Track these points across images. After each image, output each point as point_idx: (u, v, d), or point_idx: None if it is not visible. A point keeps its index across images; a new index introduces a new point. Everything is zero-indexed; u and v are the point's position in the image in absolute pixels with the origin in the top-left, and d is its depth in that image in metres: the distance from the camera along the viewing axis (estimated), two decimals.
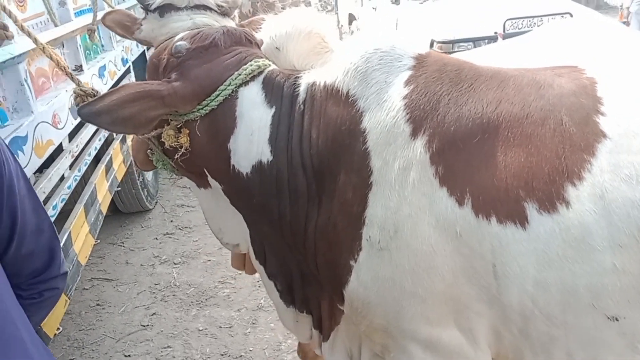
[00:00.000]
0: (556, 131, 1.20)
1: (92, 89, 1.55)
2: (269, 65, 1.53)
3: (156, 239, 4.42)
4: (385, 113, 1.31)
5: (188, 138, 1.49)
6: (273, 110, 1.46)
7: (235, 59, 1.49)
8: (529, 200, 1.19)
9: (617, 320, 1.19)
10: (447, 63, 1.36)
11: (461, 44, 5.75)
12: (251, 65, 1.48)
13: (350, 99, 1.37)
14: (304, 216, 1.45)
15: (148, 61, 1.62)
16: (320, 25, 1.84)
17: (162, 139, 1.50)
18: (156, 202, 5.00)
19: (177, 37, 1.53)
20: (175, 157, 1.50)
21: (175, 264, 4.00)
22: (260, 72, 1.50)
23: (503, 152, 1.22)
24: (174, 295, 3.60)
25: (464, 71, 1.33)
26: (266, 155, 1.45)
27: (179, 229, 4.57)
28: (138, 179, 4.49)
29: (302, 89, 1.46)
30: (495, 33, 5.74)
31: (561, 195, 1.16)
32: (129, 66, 4.34)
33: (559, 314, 1.22)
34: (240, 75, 1.46)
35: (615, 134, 1.16)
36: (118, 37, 4.13)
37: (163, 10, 1.94)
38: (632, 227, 1.12)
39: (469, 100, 1.28)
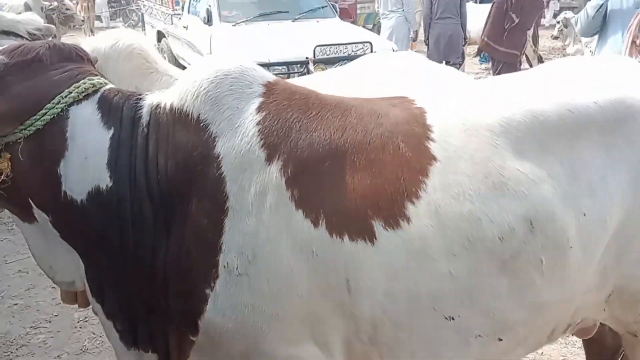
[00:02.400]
0: (395, 156, 1.34)
1: None
2: (106, 84, 1.45)
3: None
4: (239, 138, 1.33)
5: (9, 163, 1.35)
6: (111, 132, 1.39)
7: (65, 76, 1.40)
8: (375, 218, 1.31)
9: (453, 319, 1.36)
10: (294, 91, 1.43)
11: (276, 67, 5.99)
12: (84, 83, 1.40)
13: (202, 124, 1.36)
14: (150, 245, 1.40)
15: None
16: (142, 45, 1.80)
17: None
18: None
19: None
20: None
21: None
22: (96, 91, 1.42)
23: (351, 175, 1.33)
24: None
25: (311, 99, 1.42)
26: (105, 181, 1.37)
27: None
28: None
29: (144, 110, 1.41)
30: (307, 58, 6.10)
31: (403, 213, 1.31)
32: None
33: (405, 319, 1.36)
34: (71, 93, 1.37)
35: (444, 157, 1.34)
36: None
37: None
38: (462, 238, 1.30)
39: (317, 127, 1.36)
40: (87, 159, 1.39)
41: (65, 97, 1.38)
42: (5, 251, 4.18)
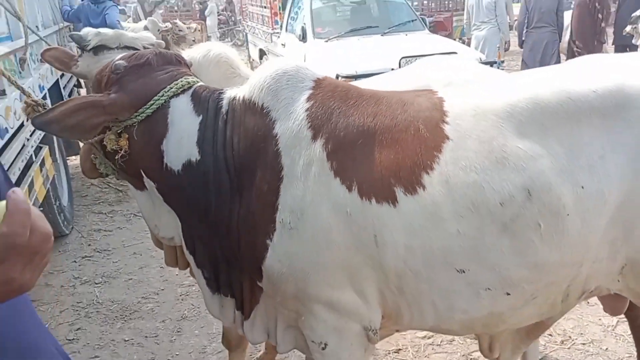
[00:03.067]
0: (415, 136, 1.64)
1: (41, 100, 1.83)
2: (197, 82, 1.88)
3: (75, 261, 4.50)
4: (292, 122, 1.69)
5: (127, 141, 1.77)
6: (200, 118, 1.79)
7: (167, 76, 1.81)
8: (397, 186, 1.61)
9: (463, 272, 1.62)
10: (337, 85, 1.78)
11: (362, 78, 6.33)
12: (182, 81, 1.81)
13: (265, 111, 1.74)
14: (228, 207, 1.77)
15: (93, 79, 1.90)
16: (229, 55, 2.24)
17: (104, 143, 1.78)
18: (72, 227, 5.06)
19: (116, 58, 1.84)
20: (116, 158, 1.78)
21: (96, 283, 4.12)
22: (190, 87, 1.83)
23: (379, 151, 1.64)
24: (97, 311, 3.72)
25: (351, 92, 1.76)
26: (195, 156, 1.76)
27: (97, 251, 4.67)
28: (54, 203, 4.56)
29: (224, 102, 1.80)
30: (392, 69, 6.40)
31: (419, 182, 1.60)
32: (45, 93, 4.48)
33: (423, 270, 1.64)
34: (172, 88, 1.78)
35: (455, 137, 1.62)
36: (34, 65, 4.30)
37: (97, 49, 2.33)
38: (468, 203, 1.57)
39: (354, 113, 1.70)
40: (182, 139, 1.78)
41: (168, 91, 1.78)
42: (124, 237, 4.89)
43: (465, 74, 2.15)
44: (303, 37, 7.78)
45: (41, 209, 4.16)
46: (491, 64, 6.84)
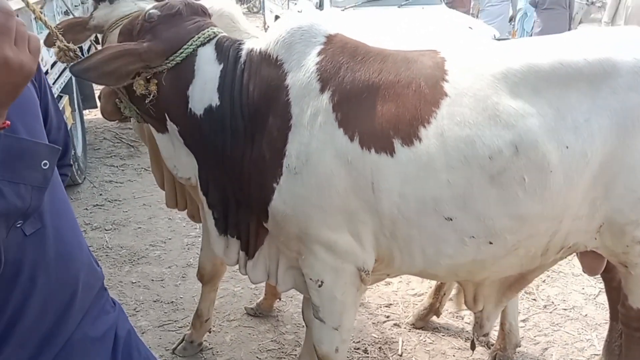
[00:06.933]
0: (416, 92, 1.76)
1: (73, 45, 1.96)
2: (221, 32, 2.00)
3: (86, 209, 4.68)
4: (302, 74, 1.81)
5: (156, 87, 1.90)
6: (222, 66, 1.91)
7: (195, 26, 1.93)
8: (395, 137, 1.74)
9: (451, 220, 1.77)
10: (348, 42, 1.90)
11: None
12: (208, 31, 1.93)
13: (278, 62, 1.86)
14: (241, 150, 1.90)
15: (122, 27, 2.03)
16: (230, 9, 2.35)
17: (134, 88, 1.90)
18: (84, 178, 5.23)
19: (149, 7, 1.95)
20: (145, 102, 1.91)
21: (106, 230, 4.30)
22: (214, 37, 1.95)
23: (381, 105, 1.77)
24: (106, 255, 3.91)
25: (359, 49, 1.87)
26: (215, 101, 1.90)
27: (109, 201, 4.84)
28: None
29: (243, 52, 1.93)
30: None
31: (416, 134, 1.73)
32: None
33: (414, 217, 1.79)
34: (199, 38, 1.90)
35: (453, 94, 1.74)
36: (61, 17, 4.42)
37: None
38: (460, 155, 1.70)
39: (361, 68, 1.82)
40: (205, 84, 1.90)
41: (196, 40, 1.89)
42: (135, 189, 5.06)
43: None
44: (320, 5, 7.84)
45: None
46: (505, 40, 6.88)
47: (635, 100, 1.70)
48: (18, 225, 1.08)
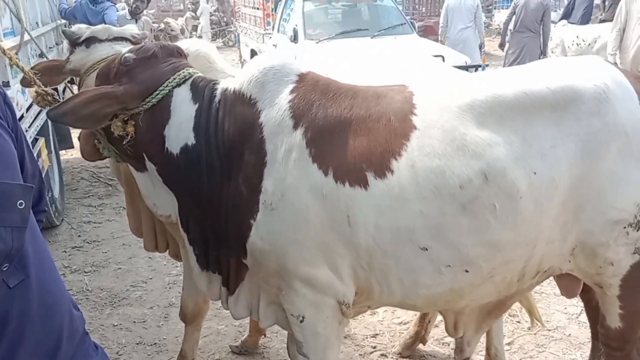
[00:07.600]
0: (386, 126, 1.81)
1: (51, 89, 1.97)
2: (196, 72, 2.04)
3: (65, 251, 4.61)
4: (276, 111, 1.85)
5: (133, 128, 1.93)
6: (197, 106, 1.94)
7: (170, 67, 1.97)
8: (369, 170, 1.77)
9: (426, 249, 1.79)
10: (319, 80, 1.94)
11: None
12: (183, 72, 1.98)
13: (252, 101, 1.90)
14: (218, 187, 1.92)
15: (98, 71, 2.05)
16: (206, 49, 2.40)
17: (112, 129, 1.92)
18: (62, 219, 5.17)
19: (125, 50, 1.99)
20: (123, 143, 1.93)
21: (86, 272, 4.24)
22: (190, 77, 1.99)
23: (353, 139, 1.81)
24: (87, 298, 3.84)
25: (330, 86, 1.92)
26: (191, 140, 1.92)
27: (87, 242, 4.78)
28: (47, 194, 4.68)
29: (218, 92, 1.96)
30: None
31: (388, 166, 1.76)
32: None
33: (390, 248, 1.80)
34: (175, 79, 1.94)
35: (422, 126, 1.79)
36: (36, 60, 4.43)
37: (89, 42, 2.53)
38: (430, 185, 1.74)
39: (332, 105, 1.86)
40: (181, 124, 1.93)
41: (171, 81, 1.94)
42: (114, 229, 5.01)
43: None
44: (294, 38, 7.96)
45: None
46: (476, 67, 7.07)
47: (598, 126, 1.76)
48: (4, 269, 1.09)
